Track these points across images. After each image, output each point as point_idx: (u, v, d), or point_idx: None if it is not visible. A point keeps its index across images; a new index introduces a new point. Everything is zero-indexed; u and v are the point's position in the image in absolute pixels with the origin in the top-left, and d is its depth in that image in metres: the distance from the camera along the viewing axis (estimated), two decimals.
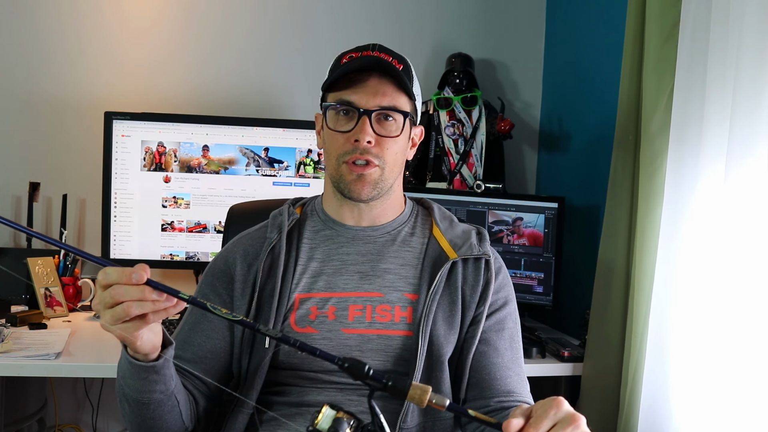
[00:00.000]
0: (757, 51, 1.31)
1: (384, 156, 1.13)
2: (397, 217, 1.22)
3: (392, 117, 1.13)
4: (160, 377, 0.98)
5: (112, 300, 0.84)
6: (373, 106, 1.11)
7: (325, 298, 1.14)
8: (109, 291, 0.85)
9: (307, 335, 1.12)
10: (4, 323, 1.80)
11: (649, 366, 1.54)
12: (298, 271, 1.16)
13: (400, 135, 1.14)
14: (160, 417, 1.03)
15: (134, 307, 0.84)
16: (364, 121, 1.11)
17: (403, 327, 1.13)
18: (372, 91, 1.11)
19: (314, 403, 1.10)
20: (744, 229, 1.34)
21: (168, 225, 2.10)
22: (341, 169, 1.13)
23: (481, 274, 1.16)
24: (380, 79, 1.12)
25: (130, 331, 0.87)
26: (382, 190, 1.15)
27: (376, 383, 0.81)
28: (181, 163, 2.09)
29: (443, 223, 1.23)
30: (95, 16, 2.23)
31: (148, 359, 0.95)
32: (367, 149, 1.11)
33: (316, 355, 0.83)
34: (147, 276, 0.84)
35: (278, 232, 1.18)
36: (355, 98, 1.12)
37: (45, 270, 1.98)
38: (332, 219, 1.21)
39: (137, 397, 1.00)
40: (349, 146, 1.12)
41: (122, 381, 1.01)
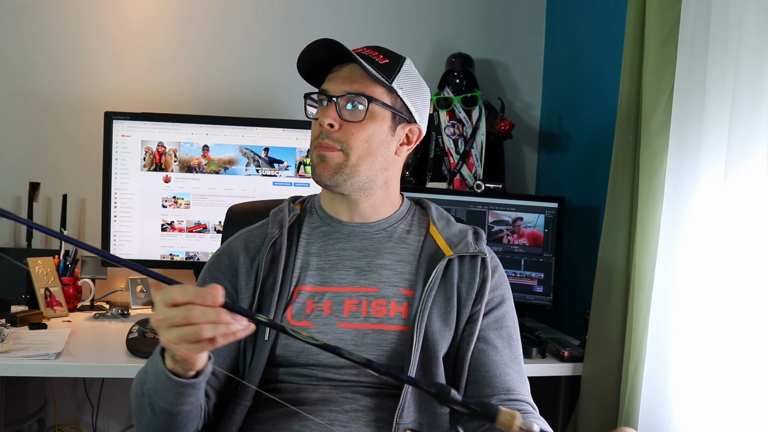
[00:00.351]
0: (756, 51, 1.31)
1: (348, 141, 1.14)
2: (393, 214, 1.23)
3: (358, 102, 1.14)
4: (194, 391, 0.97)
5: (185, 320, 0.82)
6: (339, 91, 1.14)
7: (321, 292, 1.15)
8: (181, 310, 0.82)
9: (303, 328, 1.12)
10: (4, 323, 1.80)
11: (649, 366, 1.54)
12: (297, 265, 1.18)
13: (364, 120, 1.14)
14: (183, 425, 1.03)
15: (207, 330, 0.81)
16: (329, 106, 1.14)
17: (399, 322, 1.14)
18: (340, 79, 1.15)
19: (309, 400, 1.11)
20: (744, 229, 1.34)
21: (168, 225, 2.10)
22: (312, 155, 1.18)
23: (477, 272, 1.17)
24: (353, 67, 1.15)
25: (195, 352, 0.86)
26: (349, 176, 1.15)
27: (463, 409, 0.81)
28: (181, 163, 2.09)
29: (440, 222, 1.24)
30: (95, 16, 2.23)
31: (187, 375, 0.94)
32: (328, 133, 1.14)
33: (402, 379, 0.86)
34: (222, 298, 0.82)
35: (279, 227, 1.20)
36: (327, 86, 1.16)
37: (45, 270, 1.99)
38: (329, 215, 1.22)
39: (166, 408, 0.98)
40: (317, 131, 1.16)
41: (151, 391, 0.98)
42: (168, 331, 0.84)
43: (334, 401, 1.10)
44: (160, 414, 1.00)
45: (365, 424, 1.09)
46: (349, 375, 1.12)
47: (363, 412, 1.10)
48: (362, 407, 1.11)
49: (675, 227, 1.50)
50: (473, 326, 1.15)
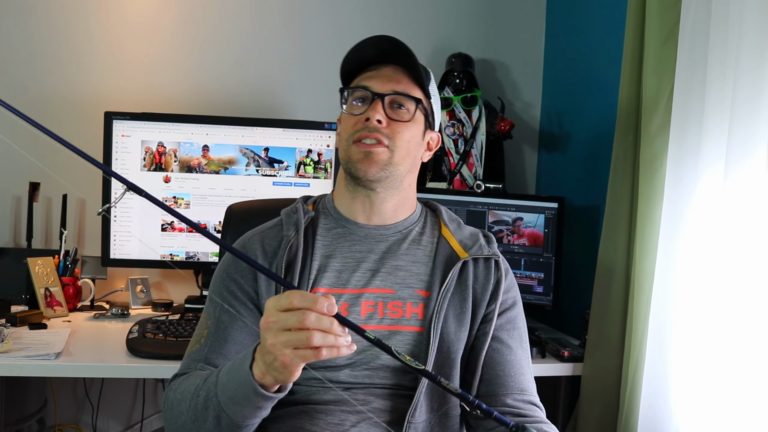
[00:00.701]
0: (756, 51, 1.31)
1: (394, 138, 1.14)
2: (408, 217, 1.24)
3: (404, 106, 1.15)
4: (270, 404, 0.96)
5: (299, 324, 0.82)
6: (387, 90, 1.14)
7: (338, 294, 1.15)
8: (296, 314, 0.82)
9: None
10: (4, 323, 1.80)
11: (649, 366, 1.54)
12: (314, 267, 1.17)
13: (411, 121, 1.16)
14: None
15: (317, 338, 0.82)
16: (377, 103, 1.14)
17: (415, 323, 1.14)
18: (386, 78, 1.15)
19: (321, 401, 1.11)
20: (744, 229, 1.34)
21: (168, 225, 2.10)
22: (350, 150, 1.15)
23: (492, 273, 1.19)
24: (395, 68, 1.16)
25: (299, 359, 0.85)
26: (390, 174, 1.16)
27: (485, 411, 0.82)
28: (181, 163, 2.09)
29: (451, 224, 1.25)
30: (95, 16, 2.24)
31: (271, 390, 0.93)
32: (377, 128, 1.13)
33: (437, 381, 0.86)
34: (336, 309, 0.83)
35: (295, 229, 1.19)
36: (370, 83, 1.15)
37: (45, 270, 1.99)
38: (344, 217, 1.22)
39: (237, 422, 0.97)
40: (359, 125, 1.14)
41: (224, 405, 0.96)
42: (277, 334, 0.84)
43: (347, 402, 1.11)
44: (227, 428, 0.98)
45: (375, 425, 1.09)
46: (362, 377, 1.12)
47: (374, 413, 1.10)
48: (374, 409, 1.11)
49: (675, 227, 1.50)
50: (488, 326, 1.16)
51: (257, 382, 0.91)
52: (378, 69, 1.17)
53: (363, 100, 1.16)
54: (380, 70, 1.16)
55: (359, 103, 1.17)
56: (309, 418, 1.10)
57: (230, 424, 0.97)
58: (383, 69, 1.17)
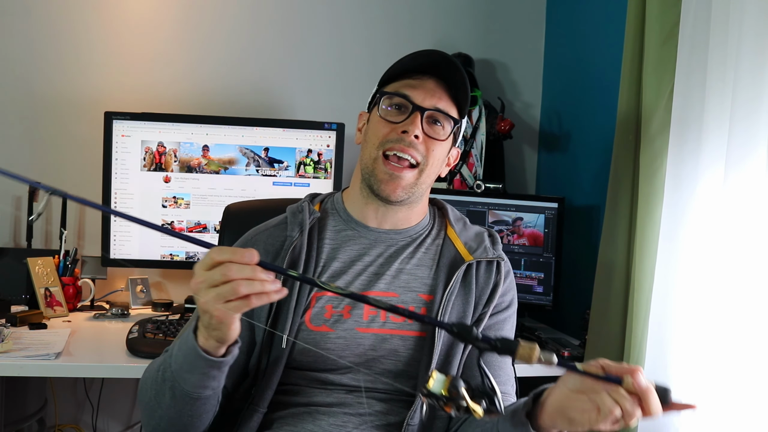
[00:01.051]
0: (756, 51, 1.31)
1: (427, 156, 1.13)
2: (419, 222, 1.22)
3: (441, 123, 1.14)
4: (220, 373, 0.97)
5: (223, 278, 0.84)
6: (429, 105, 1.12)
7: (340, 297, 1.14)
8: (219, 269, 0.84)
9: (322, 334, 1.12)
10: (4, 323, 1.80)
11: (649, 366, 1.54)
12: (319, 270, 1.16)
13: (446, 140, 1.15)
14: (199, 415, 1.02)
15: (243, 286, 0.84)
16: (416, 116, 1.11)
17: (418, 327, 1.13)
18: (430, 92, 1.12)
19: (323, 403, 1.11)
20: (744, 229, 1.34)
21: (168, 225, 2.10)
22: (377, 163, 1.13)
23: (492, 276, 1.18)
24: (438, 83, 1.13)
25: (231, 311, 0.86)
26: (413, 194, 1.15)
27: (485, 345, 0.85)
28: (181, 163, 2.09)
29: (457, 224, 1.24)
30: (95, 16, 2.23)
31: (216, 355, 0.95)
32: (413, 143, 1.11)
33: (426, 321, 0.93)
34: (258, 257, 0.85)
35: (299, 230, 1.17)
36: (412, 93, 1.12)
37: (45, 270, 1.99)
38: (354, 219, 1.20)
39: (189, 391, 0.98)
40: (395, 135, 1.12)
41: (176, 373, 0.98)
42: (207, 292, 0.85)
43: (349, 405, 1.11)
44: (181, 399, 0.99)
45: (377, 428, 1.09)
46: (364, 381, 1.12)
47: (376, 416, 1.10)
48: (375, 412, 1.11)
49: (675, 227, 1.50)
50: (477, 326, 1.15)
51: (201, 348, 0.93)
52: (421, 80, 1.13)
53: (400, 108, 1.13)
54: (423, 81, 1.13)
55: (395, 109, 1.13)
56: (312, 419, 1.09)
57: (183, 393, 0.99)
58: (426, 81, 1.13)
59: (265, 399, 1.11)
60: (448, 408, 0.84)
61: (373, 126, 1.15)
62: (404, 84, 1.14)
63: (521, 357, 0.83)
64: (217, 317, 0.88)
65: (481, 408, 0.84)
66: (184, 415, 1.01)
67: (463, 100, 1.15)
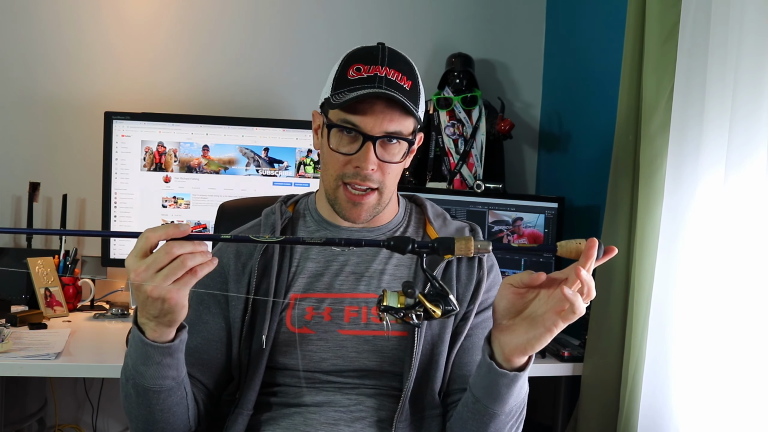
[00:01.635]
0: (757, 51, 1.31)
1: (384, 180, 1.11)
2: (393, 219, 1.22)
3: (396, 140, 1.10)
4: (174, 361, 0.98)
5: (168, 256, 0.86)
6: (379, 132, 1.07)
7: (321, 299, 1.14)
8: (163, 249, 0.86)
9: (303, 335, 1.12)
10: (4, 323, 1.80)
11: (649, 366, 1.54)
12: (293, 271, 1.16)
13: (402, 161, 1.12)
14: (168, 408, 1.02)
15: (189, 259, 0.86)
16: (368, 148, 1.07)
17: (399, 327, 1.13)
18: (379, 117, 1.07)
19: (313, 402, 1.11)
20: (744, 229, 1.34)
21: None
22: (338, 191, 1.12)
23: (474, 272, 1.16)
24: (389, 103, 1.07)
25: (182, 286, 0.88)
26: (378, 211, 1.15)
27: (424, 249, 0.90)
28: (181, 163, 2.09)
29: (437, 221, 1.22)
30: (95, 16, 2.24)
31: (165, 341, 0.96)
32: (368, 176, 1.09)
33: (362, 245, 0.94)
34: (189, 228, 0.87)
35: (271, 232, 1.17)
36: (361, 122, 1.07)
37: (45, 270, 1.98)
38: (326, 220, 1.20)
39: (149, 385, 0.99)
40: (350, 169, 1.09)
41: (133, 370, 0.99)
42: (154, 278, 0.86)
43: (339, 403, 1.11)
44: (144, 394, 1.00)
45: (369, 425, 1.10)
46: (352, 378, 1.12)
47: (366, 412, 1.11)
48: (366, 408, 1.11)
49: (675, 227, 1.50)
50: (464, 325, 1.15)
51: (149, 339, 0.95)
52: (372, 103, 1.07)
53: (350, 133, 1.08)
54: (374, 106, 1.07)
55: (345, 135, 1.09)
56: (303, 419, 1.10)
57: (144, 389, 0.99)
58: (376, 104, 1.07)
59: (249, 400, 1.11)
60: (408, 318, 0.88)
61: (328, 156, 1.12)
62: (352, 114, 1.08)
63: (460, 251, 0.89)
64: (170, 299, 0.89)
65: (440, 309, 0.88)
66: (154, 411, 1.02)
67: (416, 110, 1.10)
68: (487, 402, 1.01)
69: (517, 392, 1.00)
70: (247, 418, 1.11)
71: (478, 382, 1.02)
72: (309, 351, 1.12)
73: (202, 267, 0.88)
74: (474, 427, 1.04)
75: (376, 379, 1.13)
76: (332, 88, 1.11)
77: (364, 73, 1.09)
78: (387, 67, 1.09)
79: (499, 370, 0.96)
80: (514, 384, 0.98)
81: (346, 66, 1.11)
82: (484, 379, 0.99)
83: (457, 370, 1.15)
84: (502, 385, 0.98)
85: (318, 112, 1.18)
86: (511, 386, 0.98)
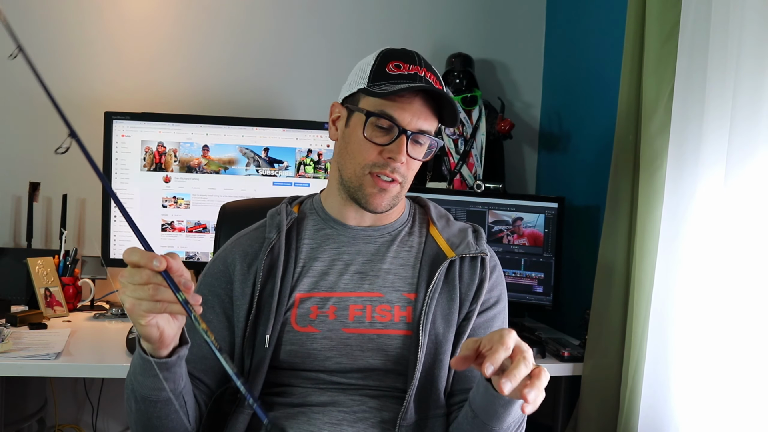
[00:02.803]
0: (757, 51, 1.31)
1: (407, 175, 1.15)
2: (399, 218, 1.23)
3: (422, 141, 1.14)
4: (170, 375, 0.98)
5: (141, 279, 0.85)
6: (414, 127, 1.11)
7: (326, 298, 1.15)
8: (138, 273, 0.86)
9: (308, 334, 1.12)
10: (4, 323, 1.80)
11: (649, 366, 1.54)
12: (299, 270, 1.17)
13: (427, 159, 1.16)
14: (165, 416, 1.03)
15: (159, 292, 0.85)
16: (402, 141, 1.10)
17: (403, 326, 1.14)
18: (416, 113, 1.11)
19: (317, 402, 1.11)
20: (744, 229, 1.34)
21: (168, 225, 2.10)
22: (364, 179, 1.13)
23: (477, 272, 1.17)
24: (424, 102, 1.11)
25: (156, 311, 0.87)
26: (396, 203, 1.17)
27: None
28: (181, 163, 2.09)
29: (440, 222, 1.24)
30: (95, 16, 2.24)
31: (162, 356, 0.95)
32: (397, 168, 1.12)
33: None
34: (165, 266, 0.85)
35: (277, 231, 1.18)
36: (399, 115, 1.10)
37: (45, 270, 1.98)
38: (333, 218, 1.21)
39: (146, 395, 1.00)
40: (381, 160, 1.12)
41: (133, 378, 1.00)
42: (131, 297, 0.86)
43: (343, 403, 1.11)
44: (142, 402, 1.01)
45: (372, 425, 1.10)
46: (356, 378, 1.13)
47: (370, 413, 1.11)
48: (369, 408, 1.11)
49: (675, 227, 1.50)
50: (467, 324, 1.15)
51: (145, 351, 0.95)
52: (410, 98, 1.11)
53: (384, 127, 1.11)
54: (412, 102, 1.11)
55: (379, 129, 1.12)
56: (306, 419, 1.10)
57: (142, 397, 1.00)
58: (414, 101, 1.11)
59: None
60: None
61: (356, 144, 1.13)
62: (391, 105, 1.11)
63: None
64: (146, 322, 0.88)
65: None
66: (152, 418, 1.02)
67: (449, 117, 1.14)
68: (485, 419, 1.02)
69: (515, 411, 1.01)
70: (248, 417, 1.11)
71: (476, 398, 1.03)
72: (313, 349, 1.12)
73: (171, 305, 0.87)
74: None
75: (380, 380, 1.13)
76: (369, 79, 1.13)
77: (404, 70, 1.12)
78: (425, 69, 1.14)
79: (494, 392, 0.97)
80: (511, 406, 0.99)
81: (384, 61, 1.14)
82: (482, 398, 1.01)
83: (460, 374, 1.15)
84: (499, 406, 1.00)
85: (339, 104, 1.19)
86: (508, 407, 1.00)
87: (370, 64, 1.14)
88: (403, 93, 1.09)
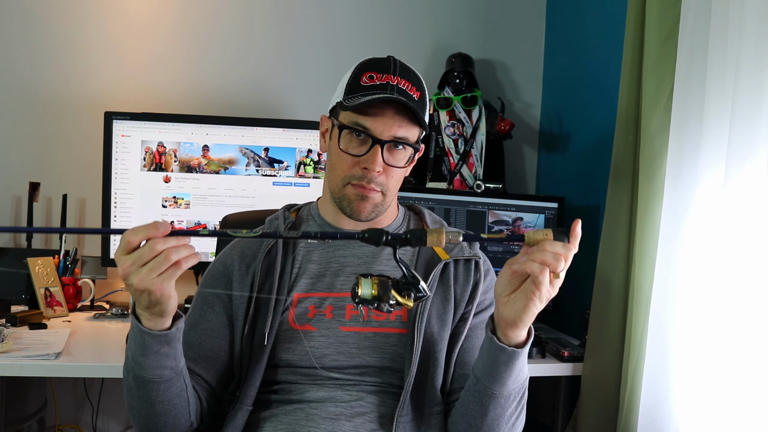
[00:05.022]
0: (757, 51, 1.31)
1: (387, 184, 1.16)
2: (392, 223, 1.26)
3: (402, 146, 1.15)
4: (171, 349, 1.00)
5: (153, 252, 0.88)
6: (388, 136, 1.13)
7: (323, 298, 1.18)
8: (145, 247, 0.88)
9: (305, 332, 1.15)
10: (4, 323, 1.80)
11: (649, 366, 1.54)
12: (296, 272, 1.19)
13: (406, 167, 1.17)
14: (168, 400, 1.04)
15: (173, 253, 0.89)
16: (376, 151, 1.12)
17: (398, 325, 1.17)
18: (389, 122, 1.12)
19: (315, 398, 1.13)
20: (744, 229, 1.34)
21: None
22: (345, 190, 1.16)
23: (471, 275, 1.21)
24: (398, 110, 1.12)
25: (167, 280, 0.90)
26: (380, 211, 1.19)
27: (397, 240, 0.93)
28: (181, 163, 2.09)
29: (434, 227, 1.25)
30: (95, 16, 2.24)
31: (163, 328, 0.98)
32: (374, 178, 1.14)
33: (338, 237, 1.07)
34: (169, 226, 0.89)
35: None
36: (372, 125, 1.12)
37: (45, 270, 1.99)
38: (328, 224, 1.24)
39: (148, 376, 1.01)
40: (357, 170, 1.14)
41: (133, 362, 1.01)
42: (139, 272, 0.89)
43: (340, 399, 1.13)
44: (144, 386, 1.02)
45: (370, 420, 1.12)
46: (353, 374, 1.15)
47: (367, 408, 1.13)
48: (367, 403, 1.13)
49: (675, 227, 1.50)
50: (463, 325, 1.18)
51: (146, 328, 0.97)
52: (381, 108, 1.12)
53: (360, 135, 1.13)
54: (384, 111, 1.12)
55: (355, 138, 1.14)
56: (304, 414, 1.12)
57: (144, 380, 1.01)
58: (387, 110, 1.12)
59: (249, 396, 1.13)
60: (381, 307, 0.92)
61: (336, 156, 1.16)
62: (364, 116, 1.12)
63: (432, 242, 0.92)
64: (156, 291, 0.91)
65: (411, 299, 0.92)
66: (155, 403, 1.03)
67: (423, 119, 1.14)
68: (487, 382, 1.04)
69: (516, 373, 1.04)
70: (247, 413, 1.13)
71: (479, 361, 1.06)
72: (311, 347, 1.14)
73: (187, 260, 0.90)
74: (475, 410, 1.07)
75: (376, 376, 1.15)
76: (345, 92, 1.15)
77: (377, 80, 1.14)
78: (399, 77, 1.14)
79: (498, 344, 1.00)
80: (513, 362, 1.01)
81: (359, 73, 1.16)
82: (486, 357, 1.03)
83: (459, 369, 1.18)
84: (501, 363, 1.02)
85: (326, 117, 1.22)
86: (510, 364, 1.02)
87: (347, 77, 1.17)
88: (374, 104, 1.11)
